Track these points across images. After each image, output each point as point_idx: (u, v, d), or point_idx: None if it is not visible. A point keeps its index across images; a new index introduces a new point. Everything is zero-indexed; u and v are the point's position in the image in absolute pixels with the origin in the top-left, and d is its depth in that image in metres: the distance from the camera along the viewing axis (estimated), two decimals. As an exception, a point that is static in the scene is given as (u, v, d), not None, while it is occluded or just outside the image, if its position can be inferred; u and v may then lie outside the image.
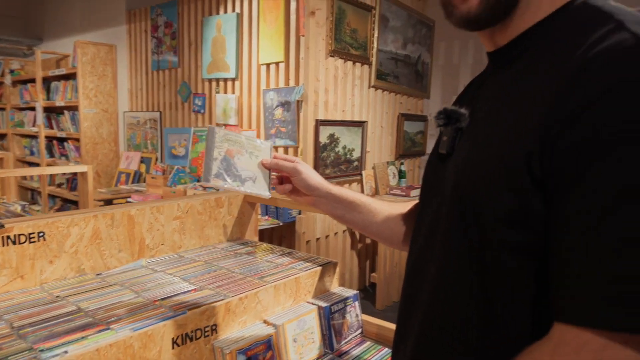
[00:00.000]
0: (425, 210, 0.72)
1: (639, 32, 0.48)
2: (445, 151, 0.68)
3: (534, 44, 0.60)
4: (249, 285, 1.13)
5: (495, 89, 0.64)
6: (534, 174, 0.50)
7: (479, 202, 0.57)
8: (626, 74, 0.45)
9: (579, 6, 0.58)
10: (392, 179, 3.97)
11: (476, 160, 0.59)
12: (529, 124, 0.51)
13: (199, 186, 3.78)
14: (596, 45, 0.49)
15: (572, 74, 0.49)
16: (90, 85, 5.14)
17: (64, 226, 1.13)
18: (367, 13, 3.56)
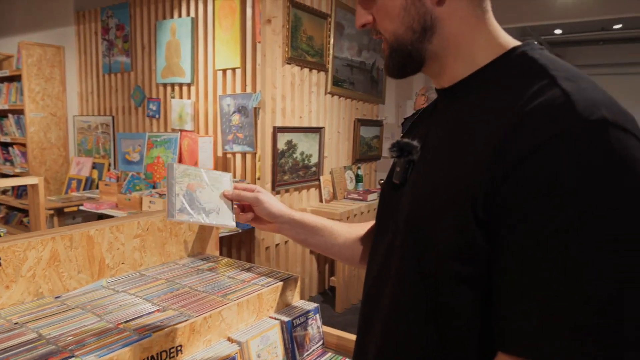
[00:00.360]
0: (381, 236, 0.77)
1: (569, 88, 0.54)
2: (399, 181, 0.73)
3: (478, 88, 0.66)
4: (213, 304, 1.15)
5: (443, 126, 0.70)
6: (478, 216, 0.56)
7: (430, 236, 0.62)
8: (555, 131, 0.51)
9: (518, 56, 0.65)
10: (350, 183, 4.05)
11: (427, 197, 0.64)
12: (474, 170, 0.57)
13: (155, 193, 3.72)
14: (531, 100, 0.55)
15: (510, 129, 0.54)
16: (37, 88, 4.93)
17: (20, 250, 1.12)
18: (322, 21, 3.61)
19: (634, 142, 0.51)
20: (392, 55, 0.70)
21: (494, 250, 0.55)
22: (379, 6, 0.68)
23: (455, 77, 0.69)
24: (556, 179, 0.50)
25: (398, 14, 0.66)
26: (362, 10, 0.71)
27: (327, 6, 3.66)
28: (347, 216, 3.52)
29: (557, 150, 0.50)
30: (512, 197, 0.52)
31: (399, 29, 0.67)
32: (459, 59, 0.68)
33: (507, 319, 0.53)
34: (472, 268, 0.58)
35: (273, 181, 3.27)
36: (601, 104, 0.52)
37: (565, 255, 0.49)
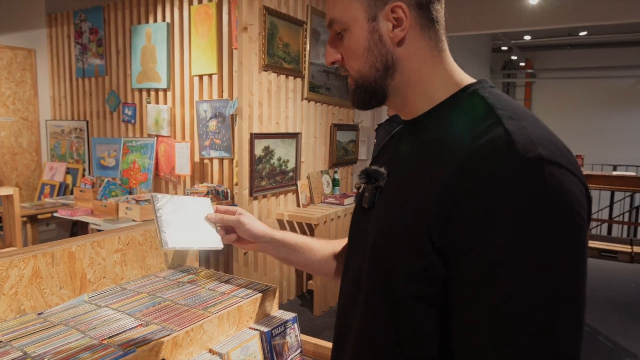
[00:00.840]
0: (352, 258, 0.84)
1: (511, 127, 0.61)
2: (367, 206, 0.79)
3: (435, 123, 0.73)
4: (194, 317, 1.19)
5: (405, 156, 0.76)
6: (434, 242, 0.62)
7: (391, 260, 0.68)
8: (496, 168, 0.58)
9: (470, 94, 0.71)
10: (327, 187, 4.11)
11: (389, 223, 0.71)
12: (429, 201, 0.63)
13: (132, 199, 3.71)
14: (478, 138, 0.62)
15: (459, 165, 0.61)
16: (7, 92, 4.85)
17: (2, 269, 1.13)
18: (298, 28, 3.66)
19: (568, 175, 0.58)
20: (357, 91, 0.76)
21: (450, 275, 0.61)
22: (345, 46, 0.75)
23: (415, 112, 0.76)
24: (496, 212, 0.56)
25: (362, 54, 0.73)
26: (331, 49, 0.77)
27: (302, 13, 3.71)
28: (324, 220, 3.58)
29: (498, 186, 0.57)
30: (460, 227, 0.59)
31: (363, 67, 0.73)
32: (418, 95, 0.74)
33: (463, 338, 0.59)
34: (431, 289, 0.64)
35: (251, 187, 3.30)
36: (539, 142, 0.59)
37: (504, 282, 0.55)
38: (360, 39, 0.72)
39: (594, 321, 3.54)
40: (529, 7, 4.57)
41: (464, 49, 7.80)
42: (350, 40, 0.73)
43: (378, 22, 0.72)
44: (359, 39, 0.72)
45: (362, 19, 0.72)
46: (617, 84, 9.84)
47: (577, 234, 0.56)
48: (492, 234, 0.56)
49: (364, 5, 0.72)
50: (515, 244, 0.55)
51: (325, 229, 3.62)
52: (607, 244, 5.15)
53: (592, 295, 4.07)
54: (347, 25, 0.73)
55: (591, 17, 4.39)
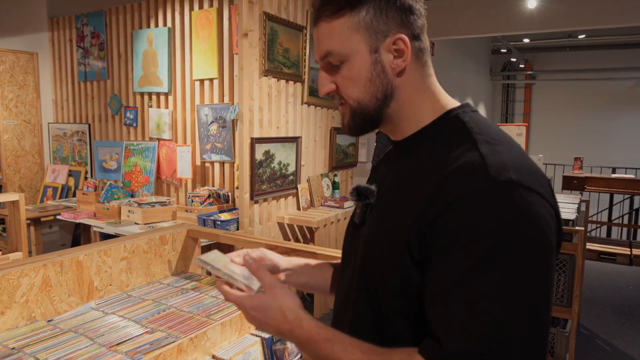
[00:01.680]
0: (344, 271, 0.88)
1: (485, 151, 0.66)
2: (358, 222, 0.84)
3: (419, 146, 0.78)
4: (198, 324, 1.23)
5: (393, 176, 0.81)
6: (413, 256, 0.67)
7: (377, 275, 0.73)
8: (469, 189, 0.63)
9: (452, 118, 0.76)
10: (327, 190, 4.15)
11: (376, 240, 0.75)
12: (409, 219, 0.68)
13: (134, 202, 3.75)
14: (454, 161, 0.67)
15: (436, 186, 0.66)
16: (10, 96, 4.88)
17: (14, 277, 1.18)
18: (298, 33, 3.70)
19: (536, 198, 0.64)
20: (355, 119, 0.78)
21: (426, 283, 0.67)
22: (343, 75, 0.76)
23: (404, 134, 0.80)
24: (467, 229, 0.62)
25: (364, 84, 0.75)
26: (325, 80, 0.78)
27: (302, 18, 3.75)
28: (324, 223, 3.62)
29: (470, 206, 0.63)
30: (435, 242, 0.65)
31: (364, 97, 0.76)
32: (409, 120, 0.79)
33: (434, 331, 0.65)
34: (412, 302, 0.69)
35: (251, 191, 3.34)
36: (511, 166, 0.65)
37: (469, 291, 0.61)
38: (362, 70, 0.74)
39: (591, 324, 3.58)
40: (527, 11, 4.61)
41: (463, 51, 7.84)
42: (351, 71, 0.75)
43: (380, 54, 0.74)
44: (360, 70, 0.75)
45: (363, 50, 0.74)
46: (617, 85, 9.88)
47: (541, 254, 0.62)
48: (462, 249, 0.62)
49: (365, 37, 0.74)
50: (482, 259, 0.61)
51: (325, 232, 3.66)
52: (606, 247, 5.19)
53: (590, 297, 4.11)
54: (346, 57, 0.75)
55: (588, 22, 4.43)
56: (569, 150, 8.42)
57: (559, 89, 10.46)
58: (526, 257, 0.61)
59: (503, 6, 4.74)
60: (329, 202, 3.98)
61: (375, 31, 0.74)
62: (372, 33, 0.74)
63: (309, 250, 1.39)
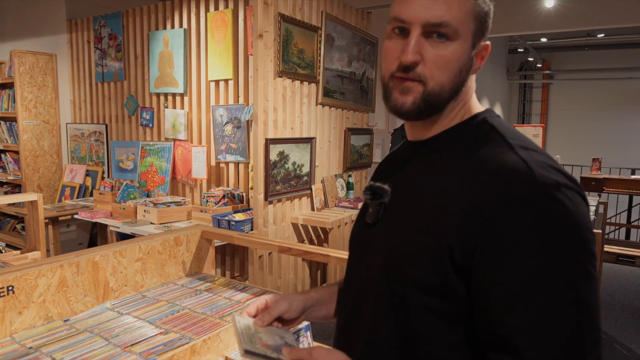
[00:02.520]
0: (354, 271, 0.86)
1: (525, 156, 0.66)
2: (371, 221, 0.82)
3: (448, 145, 0.76)
4: (211, 326, 1.24)
5: (417, 176, 0.79)
6: (455, 262, 0.66)
7: (405, 274, 0.71)
8: (520, 193, 0.63)
9: (480, 122, 0.77)
10: (341, 191, 4.14)
11: (404, 240, 0.73)
12: (450, 222, 0.67)
13: (150, 202, 3.79)
14: (494, 164, 0.67)
15: (480, 190, 0.66)
16: (29, 96, 4.97)
17: (32, 278, 1.20)
18: (313, 34, 3.70)
19: (578, 197, 0.64)
20: (427, 101, 0.73)
21: (479, 289, 0.65)
22: (440, 53, 0.71)
23: (434, 131, 0.79)
24: (523, 235, 0.61)
25: (455, 71, 0.73)
26: (417, 47, 0.71)
27: (317, 19, 3.75)
28: (337, 224, 3.61)
29: (522, 211, 0.62)
30: (489, 249, 0.63)
31: (448, 83, 0.73)
32: (445, 119, 0.78)
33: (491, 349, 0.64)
34: (445, 304, 0.68)
35: (265, 192, 3.35)
36: (551, 170, 0.65)
37: (540, 295, 0.60)
38: (461, 57, 0.72)
39: (610, 328, 3.52)
40: (545, 10, 4.54)
41: (479, 51, 7.76)
42: (452, 54, 0.71)
43: (474, 51, 0.74)
44: (460, 56, 0.72)
45: (469, 40, 0.73)
46: (637, 85, 9.69)
47: (593, 253, 0.63)
48: (521, 256, 0.61)
49: (474, 29, 0.73)
50: (542, 266, 0.60)
51: (339, 233, 3.65)
52: (625, 249, 5.09)
53: (608, 301, 4.04)
54: (456, 37, 0.71)
55: (607, 21, 4.35)
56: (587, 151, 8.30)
57: (577, 89, 10.30)
58: (584, 258, 0.61)
59: (520, 6, 4.68)
60: (343, 203, 3.97)
61: (482, 28, 0.74)
62: (479, 28, 0.74)
63: (322, 252, 1.39)
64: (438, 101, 0.73)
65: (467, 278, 0.66)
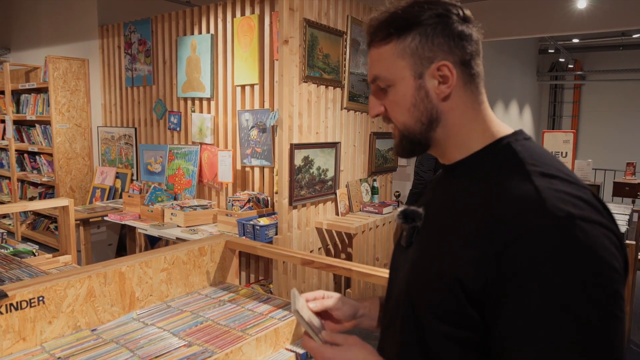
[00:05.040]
0: (391, 293, 0.87)
1: (541, 185, 0.65)
2: (405, 244, 0.84)
3: (470, 172, 0.76)
4: (234, 339, 1.25)
5: (441, 202, 0.80)
6: (469, 293, 0.65)
7: (424, 301, 0.72)
8: (530, 226, 0.61)
9: (503, 147, 0.75)
10: (365, 195, 4.13)
11: (423, 267, 0.74)
12: (461, 252, 0.67)
13: (177, 205, 3.85)
14: (508, 195, 0.66)
15: (492, 222, 0.65)
16: (63, 100, 5.12)
17: (61, 289, 1.23)
18: (338, 38, 3.69)
19: (598, 229, 0.61)
20: (403, 142, 0.80)
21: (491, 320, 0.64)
22: (390, 99, 0.78)
23: (452, 159, 0.80)
24: (531, 269, 0.60)
25: (409, 109, 0.76)
26: (375, 101, 0.81)
27: (343, 23, 3.74)
28: (362, 230, 3.60)
29: (531, 244, 0.60)
30: (499, 282, 0.62)
31: (409, 121, 0.77)
32: (457, 146, 0.78)
33: None
34: (463, 332, 0.68)
35: (290, 196, 3.36)
36: (568, 200, 0.63)
37: (538, 336, 0.59)
38: (407, 95, 0.76)
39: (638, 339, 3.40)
40: (577, 11, 4.43)
41: (509, 52, 7.62)
42: (397, 96, 0.77)
43: (424, 80, 0.75)
44: (405, 95, 0.76)
45: (408, 76, 0.75)
46: (674, 85, 9.35)
47: (611, 288, 0.59)
48: (528, 291, 0.60)
49: (410, 63, 0.75)
50: (551, 302, 0.58)
51: (363, 238, 3.64)
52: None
53: (637, 311, 3.90)
54: (392, 82, 0.77)
55: None
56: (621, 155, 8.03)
57: (610, 90, 9.99)
58: (596, 294, 0.58)
59: (552, 7, 4.57)
60: (367, 208, 3.95)
61: (420, 57, 0.75)
62: (417, 59, 0.75)
63: (344, 266, 1.39)
64: (412, 137, 0.78)
65: (482, 308, 0.65)
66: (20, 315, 1.16)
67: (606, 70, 9.95)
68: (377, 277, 1.34)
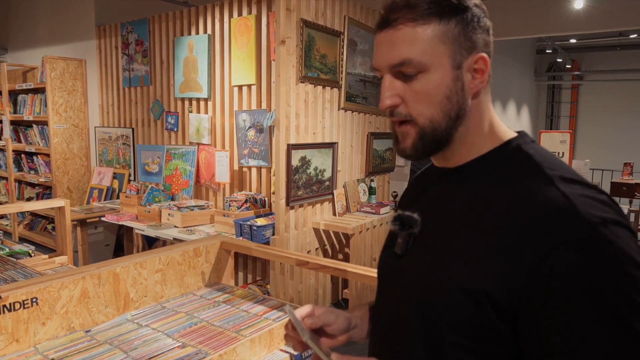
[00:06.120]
0: (385, 303, 0.82)
1: (567, 190, 0.62)
2: (400, 252, 0.78)
3: (482, 176, 0.72)
4: (228, 340, 1.25)
5: (448, 206, 0.74)
6: (497, 306, 0.62)
7: (440, 312, 0.67)
8: (566, 235, 0.59)
9: (514, 149, 0.71)
10: (363, 195, 4.13)
11: (439, 281, 0.69)
12: (491, 265, 0.63)
13: (174, 206, 3.85)
14: (535, 201, 0.62)
15: (523, 230, 0.61)
16: (60, 101, 5.11)
17: (54, 290, 1.23)
18: (335, 38, 3.69)
19: (624, 230, 0.60)
20: (425, 139, 0.71)
21: (529, 334, 0.61)
22: (416, 89, 0.69)
23: (458, 162, 0.74)
24: (573, 280, 0.57)
25: (441, 101, 0.69)
26: (390, 90, 0.71)
27: (340, 24, 3.74)
28: (359, 230, 3.60)
29: (570, 254, 0.58)
30: (537, 297, 0.59)
31: (437, 115, 0.70)
32: (468, 145, 0.73)
33: None
34: (483, 343, 0.65)
35: (287, 197, 3.36)
36: (595, 205, 0.61)
37: (591, 348, 0.57)
38: (441, 85, 0.69)
39: None
40: (574, 11, 4.43)
41: (506, 51, 7.62)
42: (428, 85, 0.69)
43: (462, 71, 0.69)
44: (439, 85, 0.69)
45: (447, 64, 0.69)
46: (672, 85, 9.37)
47: None
48: (577, 304, 0.57)
49: (449, 51, 0.69)
50: (602, 311, 0.57)
51: (361, 239, 3.64)
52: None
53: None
54: (426, 68, 0.68)
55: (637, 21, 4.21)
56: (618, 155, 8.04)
57: (608, 90, 10.00)
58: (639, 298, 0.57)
59: (548, 7, 4.58)
60: (365, 208, 3.95)
61: (461, 46, 0.69)
62: (457, 47, 0.69)
63: (339, 267, 1.39)
64: (437, 134, 0.70)
65: (513, 321, 0.62)
66: (13, 316, 1.16)
67: (604, 71, 9.96)
68: (372, 277, 1.33)
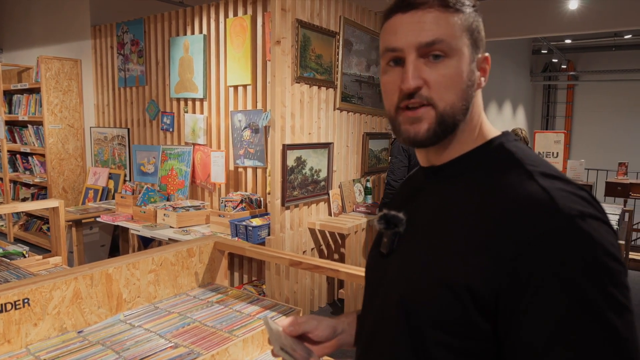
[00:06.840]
0: (371, 301, 0.83)
1: (546, 185, 0.63)
2: (386, 251, 0.79)
3: (465, 174, 0.73)
4: (221, 340, 1.25)
5: (432, 204, 0.75)
6: (478, 301, 0.62)
7: (423, 310, 0.68)
8: (544, 227, 0.59)
9: (496, 147, 0.73)
10: (358, 195, 4.13)
11: (421, 275, 0.69)
12: (472, 260, 0.63)
13: (169, 206, 3.84)
14: (514, 195, 0.63)
15: (500, 224, 0.62)
16: (55, 101, 5.09)
17: (46, 291, 1.23)
18: (331, 39, 3.70)
19: (603, 225, 0.61)
20: (442, 124, 0.71)
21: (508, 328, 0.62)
22: (442, 73, 0.69)
23: (444, 159, 0.75)
24: (555, 270, 0.58)
25: (462, 89, 0.70)
26: (418, 71, 0.69)
27: (335, 24, 3.75)
28: (355, 230, 3.60)
29: (548, 246, 0.59)
30: (514, 290, 0.60)
31: (458, 101, 0.70)
32: (459, 143, 0.74)
33: None
34: (465, 341, 0.65)
35: (282, 197, 3.37)
36: (575, 199, 0.62)
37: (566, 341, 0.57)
38: (464, 72, 0.70)
39: (633, 339, 3.42)
40: (569, 12, 4.45)
41: (502, 52, 7.64)
42: (454, 70, 0.69)
43: (474, 66, 0.72)
44: (463, 72, 0.70)
45: (467, 55, 0.71)
46: (667, 85, 9.42)
47: (625, 283, 0.59)
48: (552, 295, 0.58)
49: (469, 42, 0.71)
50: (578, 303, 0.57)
51: (356, 239, 3.64)
52: (651, 256, 4.97)
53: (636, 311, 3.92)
54: (453, 53, 0.69)
55: (632, 22, 4.23)
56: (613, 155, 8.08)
57: (603, 90, 10.05)
58: (616, 291, 0.58)
59: (544, 8, 4.59)
60: (360, 208, 3.96)
61: (476, 42, 0.72)
62: (473, 42, 0.72)
63: (332, 267, 1.39)
64: (452, 122, 0.71)
65: (493, 317, 0.63)
66: (4, 317, 1.15)
67: (599, 71, 10.00)
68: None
